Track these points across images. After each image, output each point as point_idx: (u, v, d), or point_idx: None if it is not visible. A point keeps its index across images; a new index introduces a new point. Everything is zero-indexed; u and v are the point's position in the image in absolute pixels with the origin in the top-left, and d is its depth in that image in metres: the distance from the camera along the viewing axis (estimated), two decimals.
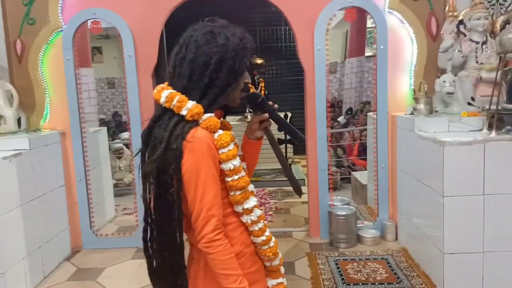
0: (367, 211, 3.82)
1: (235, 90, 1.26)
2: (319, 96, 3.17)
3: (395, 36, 3.10)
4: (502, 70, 2.42)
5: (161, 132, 1.20)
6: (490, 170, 2.24)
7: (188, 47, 1.22)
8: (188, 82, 1.22)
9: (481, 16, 2.66)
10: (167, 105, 1.21)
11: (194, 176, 1.16)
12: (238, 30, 1.26)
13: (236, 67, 1.22)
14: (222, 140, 1.20)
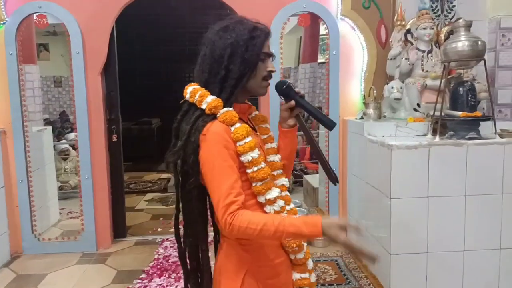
0: (318, 214, 3.88)
1: (252, 80, 1.28)
2: (273, 99, 3.19)
3: (346, 43, 3.17)
4: (445, 78, 2.53)
5: (185, 126, 1.27)
6: (433, 173, 2.34)
7: (207, 44, 1.30)
8: (208, 76, 1.28)
9: (427, 26, 2.78)
10: (191, 100, 1.28)
11: (210, 167, 1.21)
12: (251, 23, 1.30)
13: (247, 56, 1.26)
14: (238, 133, 1.24)
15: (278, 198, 1.29)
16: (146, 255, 3.17)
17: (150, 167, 6.57)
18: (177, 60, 7.30)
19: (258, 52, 1.28)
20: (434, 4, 2.97)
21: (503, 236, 2.42)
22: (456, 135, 2.41)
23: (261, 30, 1.30)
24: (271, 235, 1.16)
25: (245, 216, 1.16)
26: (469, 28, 2.45)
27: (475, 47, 2.39)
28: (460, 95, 2.46)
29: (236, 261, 1.29)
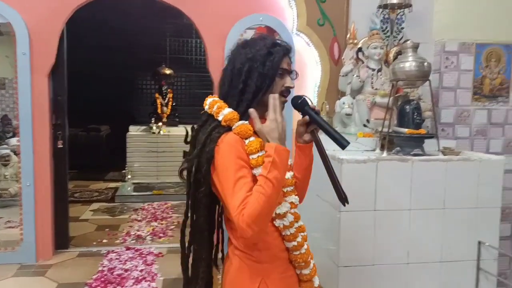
0: None
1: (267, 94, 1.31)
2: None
3: (301, 58, 3.24)
4: (393, 96, 2.63)
5: (201, 135, 1.32)
6: (380, 187, 2.41)
7: (229, 59, 1.37)
8: (227, 89, 1.34)
9: (377, 46, 2.89)
10: (209, 111, 1.34)
11: (224, 177, 1.24)
12: (270, 39, 1.37)
13: (265, 71, 1.31)
14: (251, 146, 1.27)
15: (288, 213, 1.34)
16: (89, 267, 3.03)
17: (97, 176, 6.34)
18: (131, 67, 7.14)
19: (275, 67, 1.32)
20: (385, 25, 3.10)
21: (444, 250, 2.52)
22: (402, 151, 2.50)
23: (280, 46, 1.36)
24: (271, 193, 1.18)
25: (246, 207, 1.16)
26: (416, 49, 2.57)
27: (421, 68, 2.51)
28: (406, 113, 2.56)
29: (250, 274, 1.32)
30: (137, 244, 3.57)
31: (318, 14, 3.16)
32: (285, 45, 1.37)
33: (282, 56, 1.34)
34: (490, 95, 3.28)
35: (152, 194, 5.34)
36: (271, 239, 1.34)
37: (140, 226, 4.08)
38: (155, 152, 6.22)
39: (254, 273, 1.31)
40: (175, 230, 3.99)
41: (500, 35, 3.23)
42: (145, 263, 3.10)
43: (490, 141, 3.32)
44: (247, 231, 1.15)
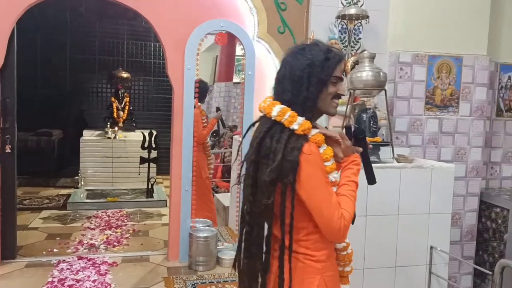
0: (228, 233, 3.86)
1: (325, 100, 1.41)
2: (186, 115, 3.13)
3: (262, 64, 3.25)
4: (351, 105, 2.69)
5: (274, 144, 1.35)
6: None
7: (285, 65, 1.41)
8: (291, 96, 1.38)
9: None
10: (278, 119, 1.36)
11: (315, 184, 1.33)
12: (325, 46, 1.42)
13: (323, 76, 1.38)
14: (327, 154, 1.38)
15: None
16: (38, 278, 2.88)
17: (48, 182, 6.06)
18: (86, 70, 6.92)
19: (331, 73, 1.39)
20: (343, 36, 3.17)
21: (398, 255, 2.59)
22: None
23: (336, 52, 1.41)
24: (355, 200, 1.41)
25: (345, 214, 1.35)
26: (372, 60, 2.64)
27: (378, 77, 2.58)
28: (363, 121, 2.62)
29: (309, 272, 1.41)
30: (90, 253, 3.43)
31: (279, 22, 3.18)
32: (339, 52, 1.42)
33: (337, 62, 1.40)
34: (441, 105, 3.43)
35: (107, 201, 5.16)
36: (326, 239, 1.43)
37: (93, 235, 3.93)
38: (110, 158, 6.04)
39: (315, 272, 1.42)
40: (130, 238, 3.88)
41: (451, 48, 3.39)
42: (98, 273, 2.98)
43: (441, 149, 3.47)
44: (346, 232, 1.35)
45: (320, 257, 1.42)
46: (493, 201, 3.59)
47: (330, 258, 1.47)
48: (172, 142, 3.20)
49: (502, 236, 3.47)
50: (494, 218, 3.56)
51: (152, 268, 3.12)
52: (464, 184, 3.52)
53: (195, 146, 3.29)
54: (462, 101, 3.48)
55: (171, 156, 3.19)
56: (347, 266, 1.55)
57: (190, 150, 3.16)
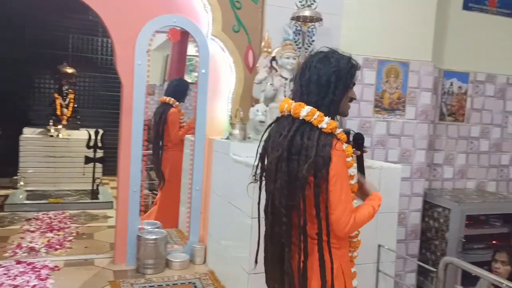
0: (178, 235, 3.76)
1: (345, 103, 1.61)
2: (136, 113, 3.02)
3: (216, 63, 3.20)
4: None
5: (305, 141, 1.51)
6: None
7: (310, 69, 1.56)
8: (317, 98, 1.54)
9: (290, 56, 2.95)
10: (308, 119, 1.53)
11: (340, 179, 1.50)
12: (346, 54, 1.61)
13: (348, 82, 1.58)
14: (348, 151, 1.57)
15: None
16: None
17: None
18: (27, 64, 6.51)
19: (352, 80, 1.59)
20: (297, 37, 3.19)
21: None
22: None
23: (355, 62, 1.62)
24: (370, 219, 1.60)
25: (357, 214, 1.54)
26: None
27: None
28: None
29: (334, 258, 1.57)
30: (30, 257, 3.22)
31: (234, 21, 3.15)
32: (357, 62, 1.63)
33: (357, 70, 1.61)
34: (389, 108, 3.54)
35: (48, 202, 4.88)
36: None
37: (33, 238, 3.69)
38: (53, 157, 5.73)
39: (336, 258, 1.58)
40: (74, 241, 3.68)
41: (399, 53, 3.51)
42: (38, 278, 2.80)
43: (388, 151, 3.58)
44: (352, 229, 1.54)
45: (340, 244, 1.62)
46: (435, 201, 3.75)
47: (346, 245, 1.66)
48: (120, 140, 3.08)
49: (444, 235, 3.64)
50: (436, 218, 3.72)
51: (97, 272, 2.98)
52: (409, 185, 3.65)
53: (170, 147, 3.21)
54: (408, 105, 3.61)
55: (119, 156, 3.07)
56: (355, 251, 1.73)
57: (140, 149, 3.05)
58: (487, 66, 4.12)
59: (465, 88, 4.04)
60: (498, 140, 4.24)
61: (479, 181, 4.20)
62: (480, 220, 3.86)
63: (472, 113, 4.11)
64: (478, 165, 4.18)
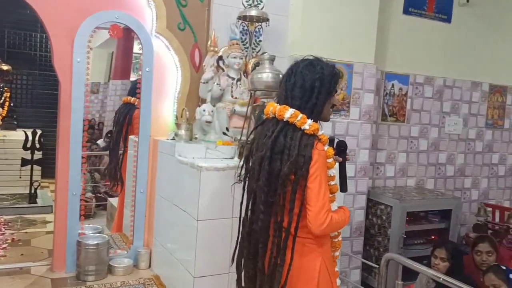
0: (122, 239, 3.63)
1: (327, 108, 1.72)
2: (75, 113, 2.87)
3: (161, 62, 3.11)
4: (252, 106, 2.69)
5: (288, 141, 1.60)
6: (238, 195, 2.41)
7: (295, 75, 1.67)
8: (300, 102, 1.64)
9: (237, 56, 2.93)
10: (291, 120, 1.62)
11: (319, 177, 1.57)
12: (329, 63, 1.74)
13: (331, 89, 1.69)
14: (329, 152, 1.66)
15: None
16: None
17: None
18: None
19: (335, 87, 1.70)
20: (244, 37, 3.17)
21: None
22: None
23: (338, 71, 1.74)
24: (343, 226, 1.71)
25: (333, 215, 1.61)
26: (272, 62, 2.66)
27: (277, 79, 2.60)
28: None
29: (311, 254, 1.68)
30: None
31: (179, 18, 3.08)
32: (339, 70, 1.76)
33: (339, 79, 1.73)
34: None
35: None
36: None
37: None
38: None
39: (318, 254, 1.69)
40: (8, 249, 3.45)
41: (343, 55, 3.59)
42: None
43: None
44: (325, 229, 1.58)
45: (321, 242, 1.70)
46: (378, 199, 3.87)
47: (328, 243, 1.76)
48: (58, 141, 2.91)
49: (386, 231, 3.76)
50: (379, 215, 3.85)
51: (33, 281, 2.80)
52: (354, 184, 3.74)
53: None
54: (353, 105, 3.70)
55: (57, 157, 2.90)
56: (336, 251, 1.83)
57: (79, 150, 2.90)
58: (426, 69, 4.32)
59: (406, 89, 4.21)
60: (436, 139, 4.46)
61: (419, 179, 4.39)
62: (420, 216, 4.04)
63: (412, 113, 4.29)
64: (417, 163, 4.38)
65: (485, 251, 3.36)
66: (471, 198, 4.77)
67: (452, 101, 4.53)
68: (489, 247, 3.37)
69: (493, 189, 4.93)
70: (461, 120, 4.60)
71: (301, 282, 1.68)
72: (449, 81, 4.48)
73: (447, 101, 4.50)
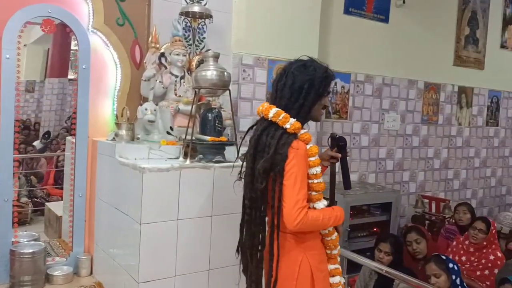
0: (61, 246, 3.43)
1: (317, 109, 1.75)
2: (5, 113, 2.67)
3: (99, 58, 2.97)
4: (196, 104, 2.64)
5: (269, 139, 1.65)
6: (183, 196, 2.37)
7: (287, 76, 1.70)
8: (287, 102, 1.68)
9: (180, 53, 2.86)
10: (274, 119, 1.67)
11: (294, 175, 1.60)
12: (323, 65, 1.76)
13: (321, 90, 1.71)
14: (312, 151, 1.69)
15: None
16: None
17: None
18: None
19: (327, 89, 1.73)
20: (187, 33, 3.10)
21: None
22: (205, 158, 2.52)
23: (331, 72, 1.77)
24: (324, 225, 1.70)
25: (309, 213, 1.62)
26: (217, 59, 2.63)
27: (222, 77, 2.58)
28: (208, 121, 2.60)
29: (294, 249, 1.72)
30: None
31: (118, 13, 2.95)
32: (332, 72, 1.76)
33: (331, 81, 1.75)
34: None
35: None
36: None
37: None
38: None
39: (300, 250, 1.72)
40: None
41: (287, 53, 3.59)
42: None
43: None
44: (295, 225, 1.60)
45: (304, 237, 1.72)
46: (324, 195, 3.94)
47: (314, 239, 1.76)
48: None
49: None
50: None
51: None
52: None
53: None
54: None
55: None
56: (333, 249, 1.82)
57: (11, 153, 2.71)
58: (366, 68, 4.46)
59: (348, 87, 4.32)
60: (376, 135, 4.62)
61: (361, 174, 4.53)
62: (363, 210, 4.17)
63: (354, 111, 4.42)
64: (360, 159, 4.51)
65: (414, 240, 3.52)
66: (409, 190, 5.00)
67: (391, 99, 4.71)
68: (416, 235, 3.54)
69: (429, 182, 5.20)
70: (399, 116, 4.79)
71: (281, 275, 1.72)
72: (387, 79, 4.65)
73: (386, 98, 4.67)
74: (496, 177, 6.01)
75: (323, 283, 1.79)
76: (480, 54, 5.52)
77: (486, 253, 3.64)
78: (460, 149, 5.49)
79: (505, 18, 5.82)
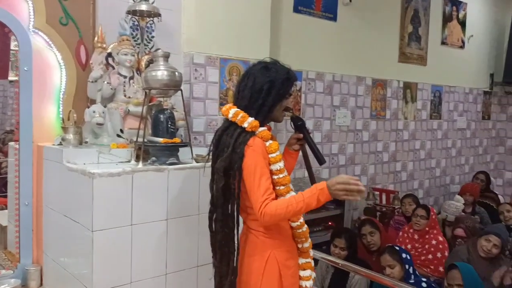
0: (7, 258, 3.25)
1: (278, 110, 1.80)
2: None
3: (42, 60, 2.82)
4: (147, 105, 2.58)
5: (228, 139, 1.73)
6: (137, 200, 2.31)
7: (249, 77, 1.76)
8: (248, 102, 1.74)
9: (128, 53, 2.78)
10: (233, 119, 1.74)
11: (252, 171, 1.65)
12: (285, 67, 1.81)
13: (281, 92, 1.75)
14: (272, 147, 1.71)
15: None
16: None
17: None
18: None
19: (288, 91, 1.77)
20: (135, 32, 3.01)
21: (200, 254, 2.60)
22: (158, 160, 2.46)
23: (293, 74, 1.80)
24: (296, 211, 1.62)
25: (272, 204, 1.62)
26: (167, 59, 2.58)
27: (173, 77, 2.53)
28: (161, 122, 2.54)
29: (262, 246, 1.76)
30: None
31: (61, 12, 2.81)
32: (295, 73, 1.81)
33: (293, 83, 1.79)
34: None
35: None
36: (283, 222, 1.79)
37: None
38: None
39: (265, 247, 1.75)
40: None
41: (239, 52, 3.60)
42: None
43: None
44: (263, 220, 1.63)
45: (272, 234, 1.76)
46: None
47: (283, 235, 1.79)
48: None
49: None
50: None
51: None
52: None
53: None
54: None
55: None
56: (305, 242, 1.85)
57: None
58: (317, 65, 4.55)
59: (300, 85, 4.38)
60: (328, 131, 4.73)
61: (316, 169, 4.60)
62: None
63: (306, 108, 4.49)
64: None
65: (368, 232, 3.65)
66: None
67: (341, 95, 4.83)
68: (370, 228, 3.67)
69: (379, 175, 5.39)
70: (349, 112, 4.93)
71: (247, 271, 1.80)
72: (337, 76, 4.77)
73: (336, 95, 4.79)
74: (441, 167, 6.33)
75: (291, 279, 1.82)
76: (423, 51, 5.78)
77: (429, 239, 3.85)
78: (406, 142, 5.73)
79: (445, 16, 6.13)
